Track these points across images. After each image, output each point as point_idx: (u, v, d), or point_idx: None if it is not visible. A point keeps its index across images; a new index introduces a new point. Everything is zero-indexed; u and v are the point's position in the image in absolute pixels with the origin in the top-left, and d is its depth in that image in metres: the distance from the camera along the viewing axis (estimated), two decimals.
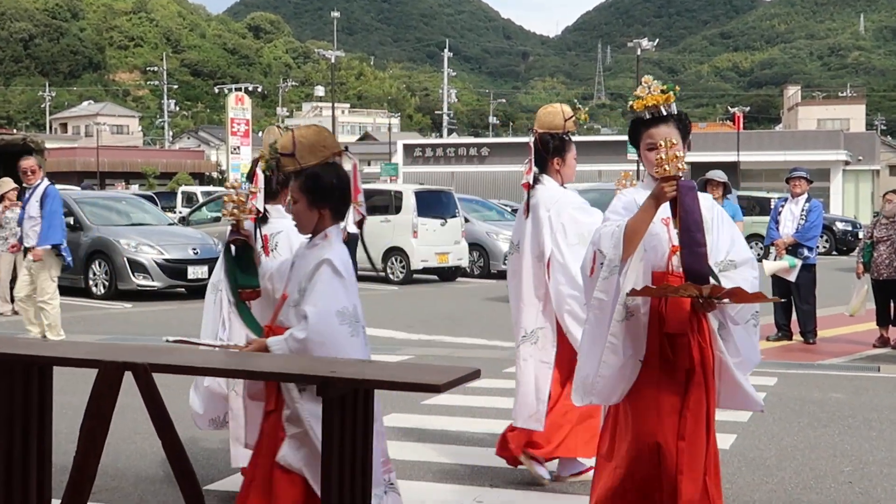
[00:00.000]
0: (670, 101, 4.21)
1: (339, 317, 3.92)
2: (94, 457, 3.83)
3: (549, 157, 6.08)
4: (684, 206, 3.93)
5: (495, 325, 14.03)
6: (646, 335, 4.11)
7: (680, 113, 4.26)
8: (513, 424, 6.11)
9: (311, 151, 4.10)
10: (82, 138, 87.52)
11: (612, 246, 4.06)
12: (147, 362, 3.73)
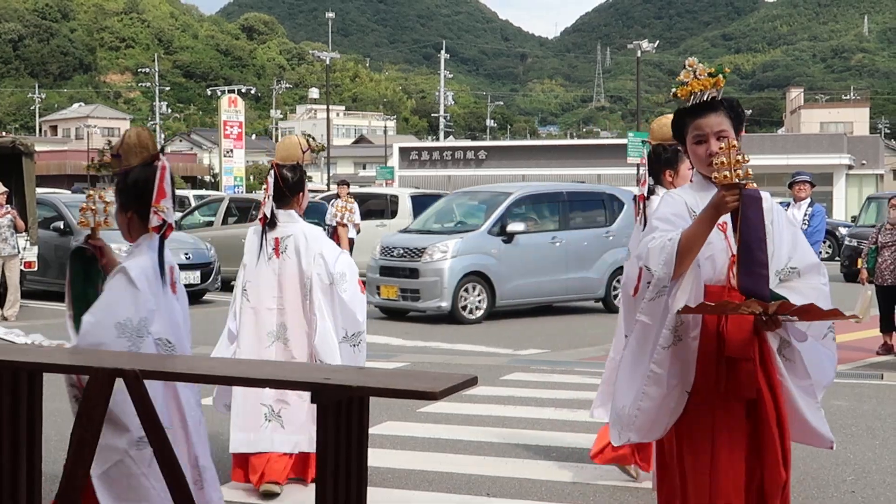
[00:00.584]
0: (720, 85, 3.63)
1: (118, 329, 3.86)
2: (84, 465, 3.76)
3: (662, 169, 6.03)
4: (747, 220, 3.34)
5: (492, 332, 13.97)
6: (695, 362, 3.56)
7: (731, 100, 3.70)
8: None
9: (133, 153, 4.07)
10: (73, 141, 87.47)
11: (663, 263, 3.47)
12: (138, 369, 3.66)
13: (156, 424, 3.71)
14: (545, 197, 16.75)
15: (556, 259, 15.81)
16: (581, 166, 45.35)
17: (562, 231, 16.19)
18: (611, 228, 16.52)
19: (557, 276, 15.77)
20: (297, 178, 6.13)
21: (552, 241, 15.87)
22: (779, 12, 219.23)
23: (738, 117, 3.72)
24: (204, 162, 76.83)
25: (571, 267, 15.95)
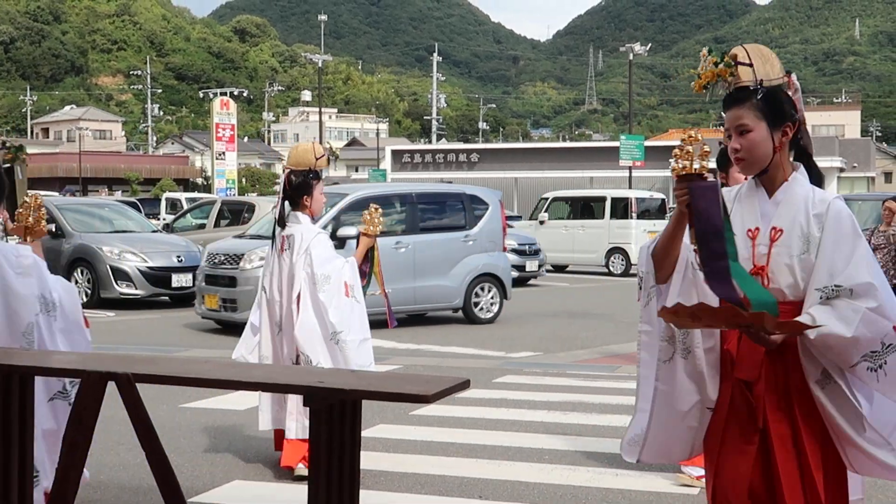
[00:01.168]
0: (725, 74, 3.36)
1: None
2: (76, 468, 3.75)
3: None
4: (697, 210, 3.12)
5: (485, 335, 13.97)
6: (717, 378, 3.33)
7: (768, 89, 3.34)
8: None
9: None
10: (64, 143, 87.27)
11: (644, 262, 3.41)
12: (130, 372, 3.65)
13: (148, 427, 3.71)
14: (389, 199, 15.12)
15: (402, 266, 14.22)
16: (573, 169, 45.40)
17: (408, 235, 14.70)
18: (471, 232, 15.20)
19: (403, 284, 14.08)
20: (301, 181, 6.49)
21: (396, 247, 14.31)
22: (770, 15, 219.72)
23: (773, 108, 3.32)
24: (196, 164, 76.76)
25: (421, 274, 14.62)
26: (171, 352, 11.91)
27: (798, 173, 3.38)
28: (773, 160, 3.33)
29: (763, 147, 3.31)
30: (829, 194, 3.34)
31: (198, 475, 6.52)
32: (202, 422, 8.09)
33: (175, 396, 8.66)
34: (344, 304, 6.31)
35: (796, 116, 3.36)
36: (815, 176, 3.42)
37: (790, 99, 3.38)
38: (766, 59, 3.38)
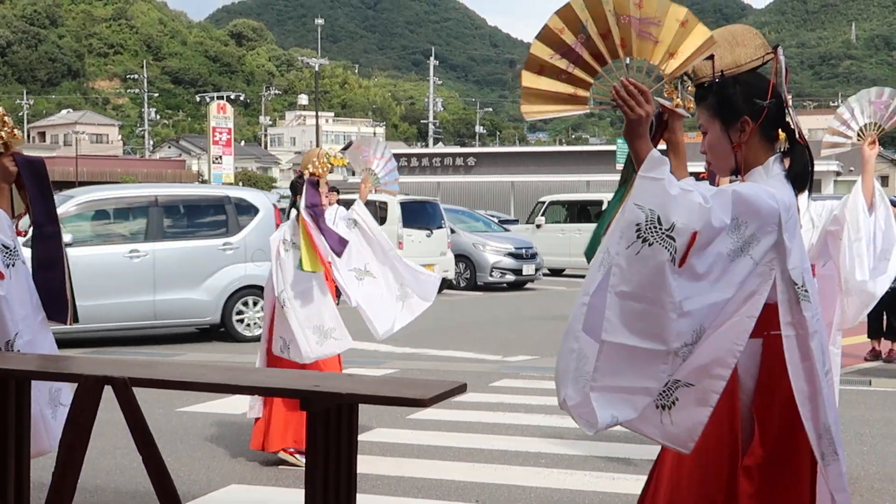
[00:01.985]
0: (699, 72, 3.19)
1: None
2: (73, 472, 3.76)
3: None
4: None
5: (482, 338, 13.96)
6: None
7: (715, 82, 3.16)
8: None
9: None
10: (61, 147, 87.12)
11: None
12: (127, 376, 3.65)
13: (145, 431, 3.71)
14: (125, 202, 13.71)
15: (138, 277, 12.99)
16: (570, 172, 45.40)
17: (148, 243, 13.22)
18: (232, 240, 13.62)
19: (139, 297, 12.95)
20: (292, 183, 7.18)
21: (131, 256, 13.03)
22: (767, 19, 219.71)
23: (722, 104, 3.14)
24: (193, 168, 76.64)
25: (162, 287, 13.11)
26: (168, 356, 11.90)
27: (761, 168, 3.11)
28: (738, 159, 3.14)
29: (719, 148, 3.17)
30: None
31: (194, 479, 6.52)
32: (199, 426, 8.09)
33: (171, 400, 8.65)
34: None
35: (759, 104, 3.07)
36: (797, 163, 3.13)
37: (751, 88, 3.10)
38: (736, 42, 3.16)
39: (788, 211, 2.97)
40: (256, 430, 6.89)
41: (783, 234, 2.93)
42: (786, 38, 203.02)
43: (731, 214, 2.85)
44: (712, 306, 2.88)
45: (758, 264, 2.91)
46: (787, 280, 2.93)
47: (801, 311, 2.95)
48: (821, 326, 3.04)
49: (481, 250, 22.59)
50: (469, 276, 22.52)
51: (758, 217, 2.89)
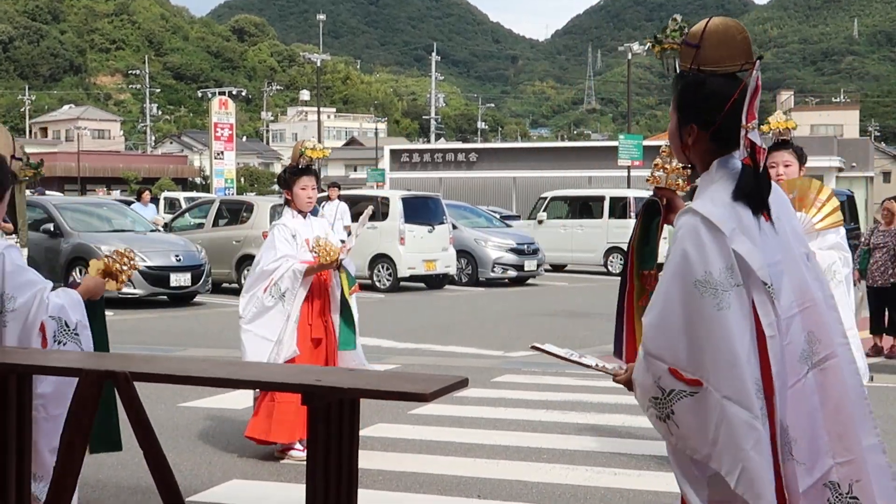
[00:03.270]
0: (682, 58, 3.12)
1: None
2: (74, 467, 3.75)
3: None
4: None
5: (484, 334, 13.96)
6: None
7: (688, 74, 3.10)
8: None
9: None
10: (63, 143, 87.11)
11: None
12: (128, 371, 3.64)
13: (146, 426, 3.70)
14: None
15: None
16: (572, 168, 45.33)
17: None
18: None
19: None
20: (280, 176, 7.11)
21: None
22: (769, 15, 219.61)
23: (682, 102, 3.07)
24: (194, 164, 76.71)
25: None
26: (170, 351, 11.90)
27: (706, 175, 3.04)
28: (689, 157, 3.09)
29: (673, 142, 3.13)
30: (688, 220, 2.89)
31: (196, 474, 6.52)
32: (200, 421, 8.09)
33: (173, 396, 8.66)
34: (256, 294, 6.74)
35: (711, 118, 2.98)
36: (745, 184, 2.97)
37: (713, 96, 3.00)
38: (725, 41, 3.05)
39: (732, 218, 2.90)
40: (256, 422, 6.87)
41: (733, 244, 2.86)
42: (788, 33, 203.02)
43: (680, 294, 2.84)
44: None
45: (741, 285, 2.86)
46: (758, 284, 2.89)
47: (777, 309, 2.92)
48: (803, 314, 3.01)
49: (483, 246, 22.58)
50: (471, 272, 22.51)
51: (708, 258, 2.85)
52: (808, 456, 2.95)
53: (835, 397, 3.04)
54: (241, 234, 19.59)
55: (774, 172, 6.27)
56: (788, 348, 2.95)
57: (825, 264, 6.20)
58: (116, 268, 4.44)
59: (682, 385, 2.83)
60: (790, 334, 2.96)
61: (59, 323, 4.09)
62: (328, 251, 6.70)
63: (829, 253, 6.23)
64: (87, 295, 4.28)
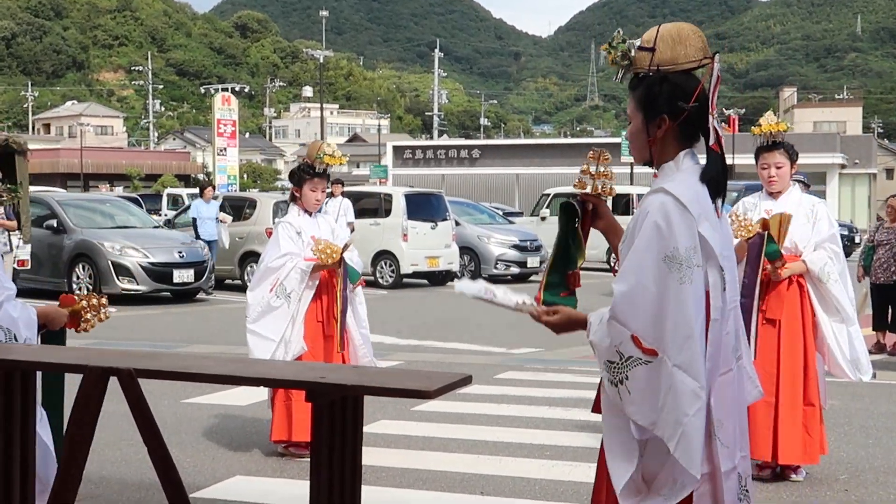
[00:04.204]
0: (637, 62, 3.26)
1: None
2: (78, 464, 3.75)
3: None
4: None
5: (487, 331, 13.95)
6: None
7: (648, 74, 3.25)
8: None
9: None
10: (66, 139, 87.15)
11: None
12: (132, 367, 3.64)
13: (150, 423, 3.70)
14: None
15: None
16: (575, 165, 45.21)
17: None
18: None
19: None
20: (293, 171, 7.10)
21: None
22: (772, 11, 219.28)
23: (647, 98, 3.24)
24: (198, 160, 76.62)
25: None
26: (173, 347, 11.91)
27: (672, 163, 3.20)
28: (653, 152, 3.23)
29: (638, 139, 3.27)
30: (658, 198, 3.08)
31: (199, 470, 6.53)
32: (204, 417, 8.09)
33: (177, 392, 8.66)
34: (261, 294, 6.69)
35: (680, 106, 3.15)
36: (710, 169, 3.17)
37: (678, 88, 3.16)
38: (680, 41, 3.21)
39: (698, 203, 3.07)
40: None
41: (700, 227, 3.04)
42: (791, 30, 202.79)
43: (655, 262, 3.00)
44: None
45: (701, 266, 3.03)
46: (715, 267, 3.08)
47: (726, 296, 3.11)
48: (736, 310, 3.22)
49: (486, 242, 22.58)
50: (474, 269, 22.51)
51: (676, 235, 3.01)
52: (731, 440, 3.13)
53: (741, 395, 3.25)
54: (244, 231, 19.60)
55: (767, 174, 6.31)
56: (726, 338, 3.14)
57: (816, 267, 6.22)
58: (85, 315, 4.47)
59: (640, 353, 2.98)
60: (728, 325, 3.15)
61: (6, 334, 4.08)
62: (328, 253, 6.70)
63: (818, 254, 6.25)
64: (43, 319, 4.29)
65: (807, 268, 6.23)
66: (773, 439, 6.12)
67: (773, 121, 6.30)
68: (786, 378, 6.17)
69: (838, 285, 6.23)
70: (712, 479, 3.08)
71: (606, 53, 3.34)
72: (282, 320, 6.64)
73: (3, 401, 3.90)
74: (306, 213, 6.94)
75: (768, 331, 6.17)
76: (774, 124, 6.27)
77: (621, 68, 3.29)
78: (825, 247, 6.27)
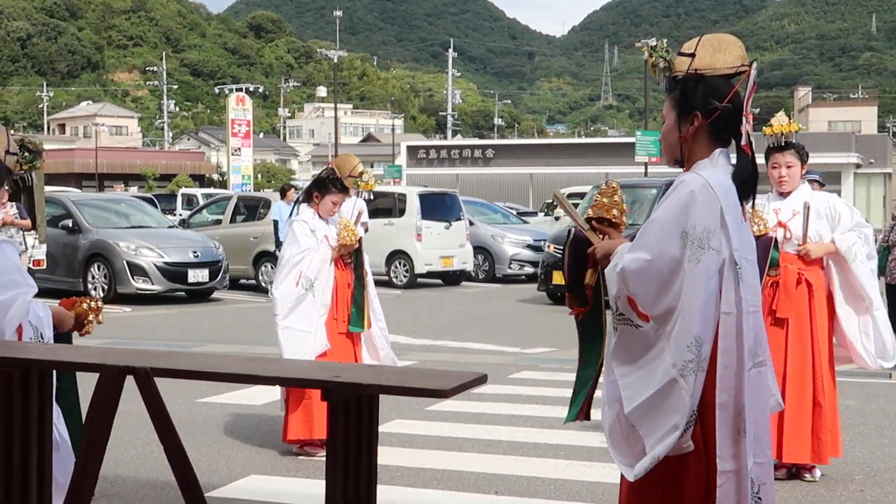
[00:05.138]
0: (676, 66, 3.47)
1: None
2: (94, 462, 3.77)
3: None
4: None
5: (501, 330, 13.95)
6: None
7: (686, 76, 3.44)
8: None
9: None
10: (80, 139, 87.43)
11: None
12: (149, 366, 3.66)
13: (167, 422, 3.72)
14: None
15: None
16: (589, 165, 45.21)
17: None
18: None
19: None
20: (322, 177, 7.10)
21: None
22: (787, 11, 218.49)
23: (683, 97, 3.42)
24: (212, 160, 76.78)
25: None
26: (188, 347, 11.94)
27: (706, 160, 3.31)
28: (683, 150, 3.35)
29: (669, 136, 3.40)
30: (690, 176, 3.23)
31: (214, 469, 6.54)
32: (219, 416, 8.12)
33: (191, 391, 8.69)
34: (287, 289, 6.75)
35: (713, 105, 3.30)
36: (741, 171, 3.31)
37: (713, 89, 3.32)
38: (720, 48, 3.38)
39: (727, 193, 3.19)
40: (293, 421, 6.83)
41: (726, 215, 3.14)
42: (805, 29, 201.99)
43: (676, 234, 3.11)
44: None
45: (718, 251, 3.13)
46: (731, 261, 3.15)
47: (740, 291, 3.15)
48: (756, 316, 3.26)
49: (500, 242, 22.57)
50: (488, 268, 22.51)
51: (698, 215, 3.12)
52: (753, 441, 3.19)
53: (761, 400, 3.28)
54: (259, 231, 19.64)
55: (777, 174, 6.32)
56: (745, 340, 3.18)
57: (844, 246, 6.22)
58: (88, 317, 4.51)
59: (633, 315, 3.16)
60: (747, 327, 3.19)
61: (35, 332, 4.11)
62: (349, 229, 6.85)
63: (849, 235, 6.26)
64: (56, 320, 4.32)
65: (835, 248, 6.24)
66: (778, 438, 6.11)
67: (785, 121, 6.30)
68: (793, 378, 6.17)
69: (864, 267, 6.23)
70: (738, 476, 3.09)
71: (647, 55, 3.47)
72: (312, 312, 6.74)
73: (21, 400, 3.92)
74: (319, 217, 6.99)
75: (776, 331, 6.16)
76: (786, 125, 6.27)
77: (660, 72, 3.47)
78: (855, 229, 6.28)
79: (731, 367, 3.12)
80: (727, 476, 3.09)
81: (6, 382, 3.88)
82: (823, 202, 6.37)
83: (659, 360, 3.10)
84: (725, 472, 3.08)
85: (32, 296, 4.09)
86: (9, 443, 3.90)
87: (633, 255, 3.16)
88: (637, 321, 3.12)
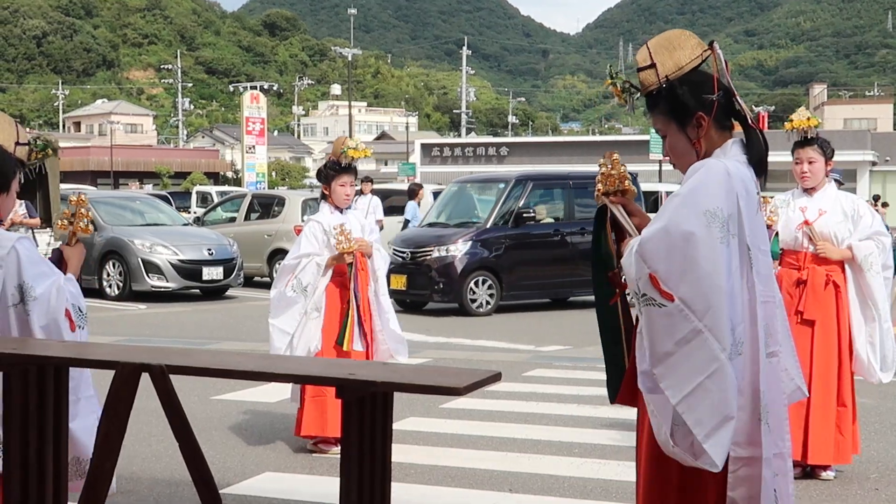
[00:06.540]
0: (645, 82, 3.38)
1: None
2: (109, 460, 3.78)
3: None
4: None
5: (515, 328, 13.95)
6: None
7: (662, 87, 3.33)
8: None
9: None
10: (96, 137, 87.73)
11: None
12: (164, 364, 3.67)
13: (182, 419, 3.73)
14: None
15: None
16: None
17: None
18: None
19: None
20: (320, 170, 7.20)
21: None
22: (802, 8, 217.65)
23: (673, 105, 3.32)
24: (226, 158, 76.99)
25: None
26: (203, 344, 11.97)
27: (719, 150, 3.24)
28: (700, 154, 3.25)
29: (679, 147, 3.31)
30: (711, 161, 3.16)
31: (229, 466, 6.56)
32: (233, 414, 8.14)
33: (206, 388, 8.71)
34: (279, 291, 6.86)
35: (709, 98, 3.22)
36: (755, 149, 3.27)
37: (697, 85, 3.25)
38: (673, 46, 3.30)
39: (744, 183, 3.12)
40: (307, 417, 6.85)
41: (740, 203, 3.07)
42: (821, 26, 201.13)
43: (698, 212, 3.02)
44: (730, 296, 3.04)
45: (736, 237, 3.07)
46: (743, 245, 3.09)
47: (753, 277, 3.11)
48: (768, 306, 3.18)
49: None
50: None
51: (720, 197, 3.05)
52: (774, 428, 3.13)
53: (773, 391, 3.19)
54: (273, 228, 19.67)
55: (799, 169, 6.27)
56: (759, 327, 3.12)
57: (861, 254, 6.19)
58: (78, 226, 4.56)
59: (657, 294, 3.00)
60: (758, 317, 3.12)
61: (75, 309, 4.15)
62: (345, 235, 6.80)
63: (867, 243, 6.22)
64: (77, 274, 4.34)
65: (852, 254, 6.21)
66: (804, 439, 6.09)
67: (805, 116, 6.28)
68: (818, 378, 6.13)
69: (878, 278, 6.20)
70: (753, 464, 3.07)
71: (611, 88, 3.43)
72: (298, 313, 6.77)
73: (37, 396, 3.94)
74: (337, 210, 6.97)
75: (803, 331, 6.13)
76: (805, 119, 6.25)
77: (630, 95, 3.39)
78: (873, 237, 6.25)
79: (745, 353, 3.07)
80: (741, 462, 3.07)
81: (23, 378, 3.91)
82: (849, 203, 6.35)
83: (698, 342, 2.96)
84: (740, 458, 3.06)
85: (62, 279, 4.13)
86: (25, 437, 3.92)
87: (649, 229, 3.10)
88: (661, 300, 2.99)
